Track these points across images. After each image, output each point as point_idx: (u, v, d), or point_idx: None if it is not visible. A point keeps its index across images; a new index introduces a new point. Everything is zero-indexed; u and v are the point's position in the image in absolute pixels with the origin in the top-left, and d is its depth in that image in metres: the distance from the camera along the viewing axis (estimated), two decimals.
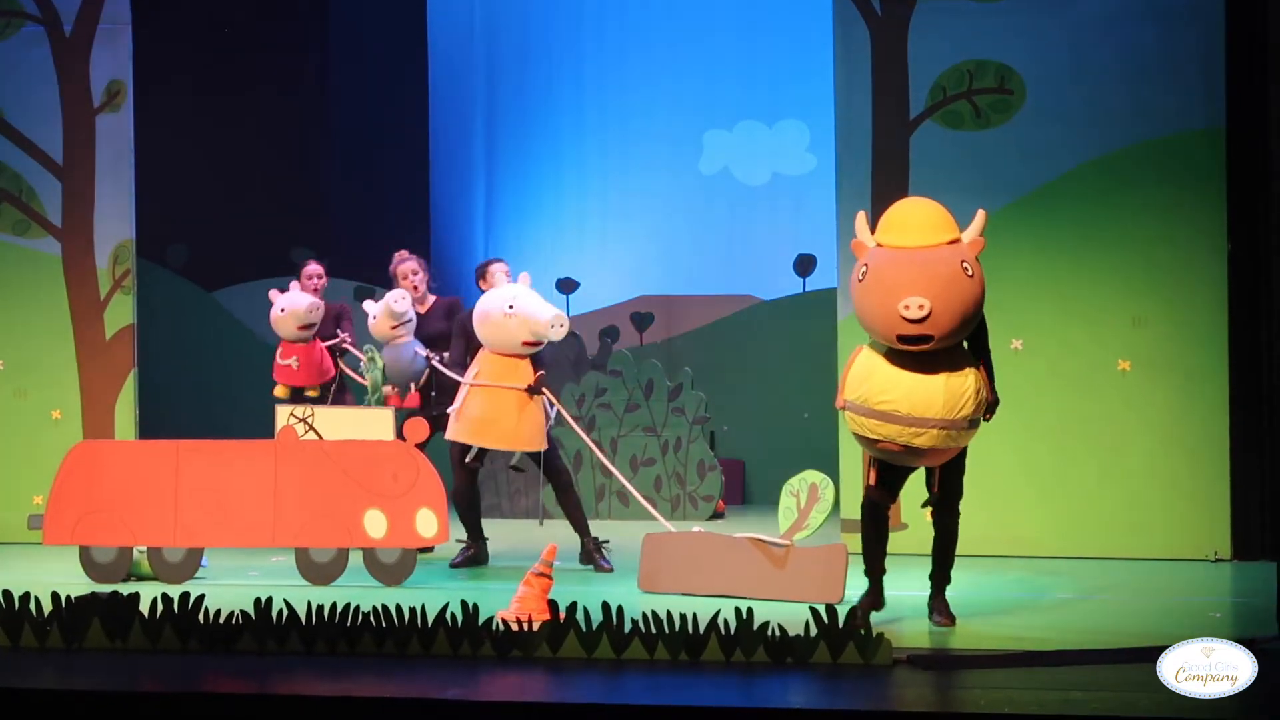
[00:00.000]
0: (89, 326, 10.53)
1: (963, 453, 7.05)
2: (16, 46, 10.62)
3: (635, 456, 11.87)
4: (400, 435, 8.70)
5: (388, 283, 10.42)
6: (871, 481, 7.12)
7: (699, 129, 14.00)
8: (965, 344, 6.94)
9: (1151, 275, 9.49)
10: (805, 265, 13.39)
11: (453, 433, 9.05)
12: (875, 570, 7.21)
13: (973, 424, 6.86)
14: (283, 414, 8.65)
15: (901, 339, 6.72)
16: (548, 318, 8.89)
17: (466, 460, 9.11)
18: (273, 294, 10.17)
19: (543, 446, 9.05)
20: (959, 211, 7.03)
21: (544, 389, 9.01)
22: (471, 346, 9.16)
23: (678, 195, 13.96)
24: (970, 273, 6.74)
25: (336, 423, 8.66)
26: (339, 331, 10.19)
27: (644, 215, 14.00)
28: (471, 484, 9.28)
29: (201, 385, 13.20)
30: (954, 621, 7.10)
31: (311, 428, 8.61)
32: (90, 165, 10.57)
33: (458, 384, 9.14)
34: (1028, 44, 9.61)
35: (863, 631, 6.30)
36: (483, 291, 9.20)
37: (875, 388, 6.81)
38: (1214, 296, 9.42)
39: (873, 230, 6.98)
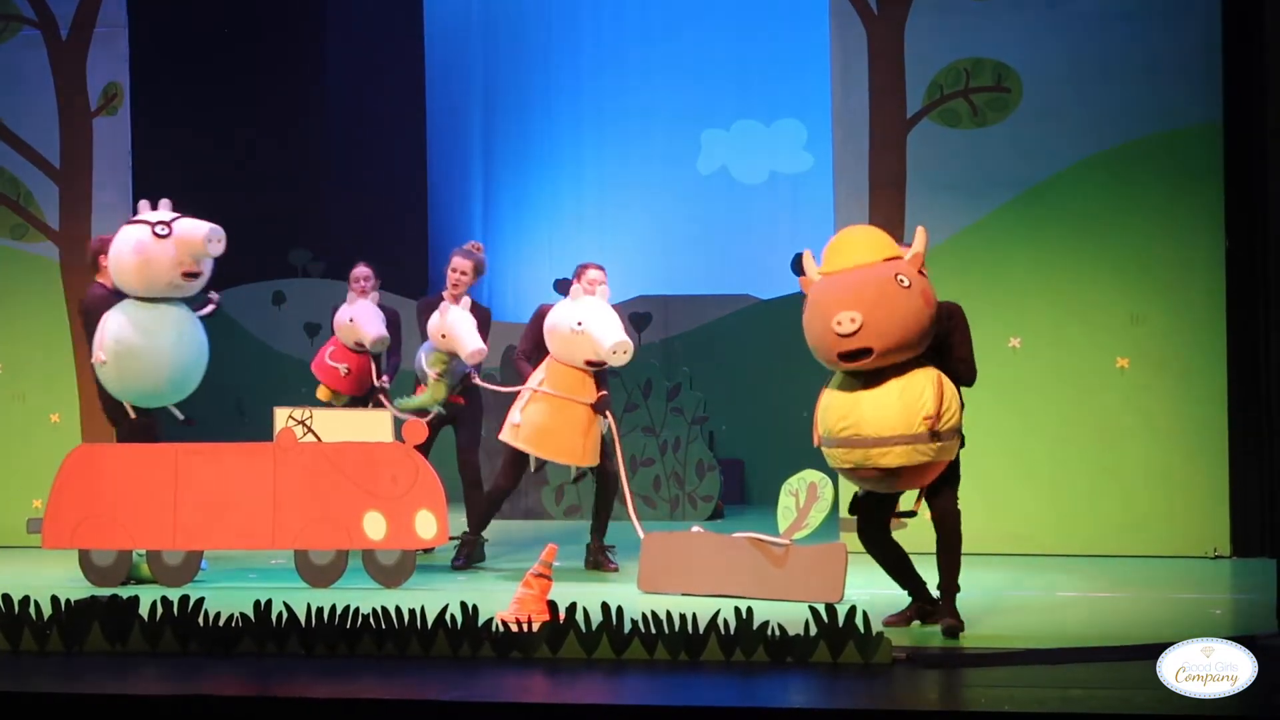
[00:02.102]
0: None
1: (952, 467, 6.96)
2: (13, 50, 10.62)
3: (634, 457, 11.86)
4: (399, 437, 8.70)
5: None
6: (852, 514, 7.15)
7: (696, 128, 14.01)
8: (929, 365, 6.81)
9: (1149, 272, 9.50)
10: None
11: (513, 437, 8.94)
12: (904, 586, 7.19)
13: (946, 436, 6.74)
14: (281, 416, 8.64)
15: (841, 356, 6.70)
16: (610, 344, 8.77)
17: (533, 471, 9.12)
18: (351, 298, 10.02)
19: (596, 463, 9.05)
20: (957, 210, 7.04)
21: (607, 412, 8.99)
22: (542, 344, 9.10)
23: (675, 194, 13.97)
24: (906, 283, 6.67)
25: (335, 425, 8.65)
26: (384, 374, 10.01)
27: (642, 214, 14.01)
28: (514, 487, 9.28)
29: (200, 388, 13.16)
30: (963, 627, 6.94)
31: (310, 430, 8.60)
32: (88, 169, 10.57)
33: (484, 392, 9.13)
34: (1024, 42, 9.61)
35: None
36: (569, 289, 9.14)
37: (834, 418, 6.80)
38: (1212, 293, 9.42)
39: None
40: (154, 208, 9.07)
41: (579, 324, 8.83)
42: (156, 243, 8.96)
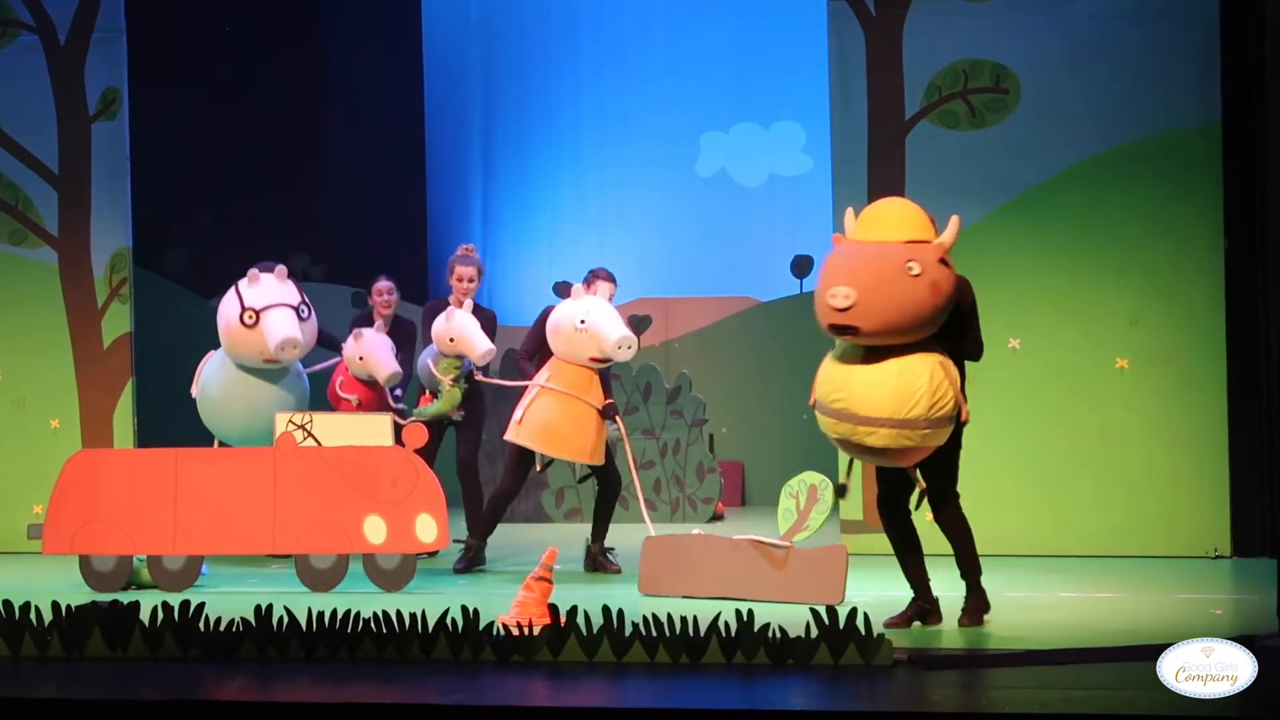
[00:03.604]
0: (86, 335, 10.53)
1: (945, 453, 6.98)
2: (11, 55, 10.61)
3: (635, 459, 11.84)
4: (399, 441, 8.70)
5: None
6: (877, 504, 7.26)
7: (696, 131, 14.01)
8: (934, 347, 6.83)
9: (1149, 273, 9.50)
10: (802, 266, 13.39)
11: (518, 435, 8.95)
12: (908, 575, 7.23)
13: (935, 424, 6.78)
14: (281, 421, 8.64)
15: (830, 328, 6.79)
16: (615, 339, 8.81)
17: (538, 470, 9.10)
18: (360, 332, 9.80)
19: (603, 462, 9.08)
20: (955, 211, 7.03)
21: (617, 418, 9.06)
22: (545, 346, 9.11)
23: (675, 197, 13.96)
24: (915, 271, 6.66)
25: (335, 429, 8.65)
26: (398, 401, 9.86)
27: (641, 217, 14.00)
28: (519, 489, 9.27)
29: None
30: (987, 608, 7.16)
31: (310, 434, 8.60)
32: (86, 173, 10.57)
33: (483, 395, 9.16)
34: (1023, 43, 9.62)
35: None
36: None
37: (829, 387, 6.86)
38: (1211, 294, 9.43)
39: None
40: (269, 270, 9.20)
41: (582, 322, 8.86)
42: (243, 330, 9.07)
